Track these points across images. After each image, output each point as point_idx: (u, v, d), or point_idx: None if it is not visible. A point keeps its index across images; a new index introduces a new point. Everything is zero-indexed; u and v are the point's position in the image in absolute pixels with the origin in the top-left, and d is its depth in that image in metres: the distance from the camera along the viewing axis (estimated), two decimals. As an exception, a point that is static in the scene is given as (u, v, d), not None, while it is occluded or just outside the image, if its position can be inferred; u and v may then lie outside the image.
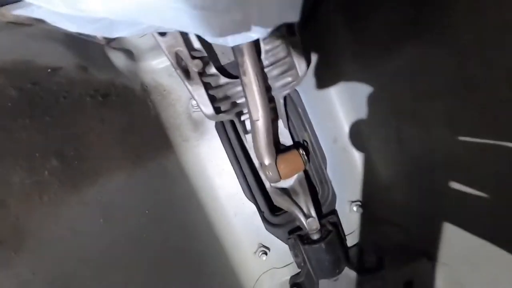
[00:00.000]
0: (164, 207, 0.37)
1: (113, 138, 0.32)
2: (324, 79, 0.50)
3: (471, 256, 0.40)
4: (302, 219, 0.45)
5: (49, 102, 0.26)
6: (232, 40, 0.28)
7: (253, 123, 0.43)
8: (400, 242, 0.49)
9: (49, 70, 0.28)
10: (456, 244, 0.41)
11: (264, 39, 0.42)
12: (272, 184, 0.50)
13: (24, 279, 0.18)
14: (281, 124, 0.51)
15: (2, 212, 0.19)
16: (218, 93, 0.43)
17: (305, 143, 0.51)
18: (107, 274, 0.25)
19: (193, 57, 0.39)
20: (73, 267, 0.22)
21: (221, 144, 0.49)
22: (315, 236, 0.45)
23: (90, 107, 0.31)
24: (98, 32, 0.20)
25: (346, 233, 0.50)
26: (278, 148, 0.48)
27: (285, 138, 0.51)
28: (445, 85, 0.31)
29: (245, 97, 0.41)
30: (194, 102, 0.47)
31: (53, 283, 0.20)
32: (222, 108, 0.43)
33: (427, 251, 0.46)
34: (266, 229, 0.50)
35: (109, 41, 0.41)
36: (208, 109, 0.40)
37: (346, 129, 0.51)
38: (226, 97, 0.44)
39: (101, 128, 0.31)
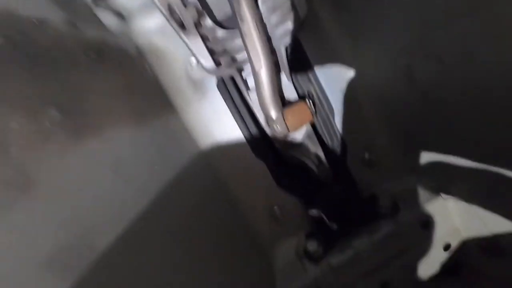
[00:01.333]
0: (173, 165, 0.36)
1: (113, 95, 0.30)
2: (325, 23, 0.47)
3: (485, 189, 0.39)
4: (315, 169, 0.44)
5: (40, 53, 0.24)
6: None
7: (255, 73, 0.41)
8: (413, 186, 0.48)
9: (35, 21, 0.26)
10: (470, 179, 0.40)
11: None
12: (281, 141, 0.49)
13: (36, 221, 0.18)
14: (284, 77, 0.49)
15: (4, 156, 0.18)
16: (217, 47, 0.41)
17: (311, 95, 0.49)
18: (121, 225, 0.24)
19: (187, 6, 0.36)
20: (87, 216, 0.21)
21: (225, 104, 0.47)
22: (329, 184, 0.44)
23: (85, 63, 0.30)
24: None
25: (358, 183, 0.50)
26: (283, 103, 0.47)
27: (290, 92, 0.49)
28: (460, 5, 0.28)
29: (245, 46, 0.39)
30: (192, 60, 0.46)
31: (68, 227, 0.19)
32: (222, 63, 0.42)
33: (442, 189, 0.46)
34: (278, 186, 0.49)
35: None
36: (208, 61, 0.38)
37: (352, 75, 0.49)
38: (225, 51, 0.42)
39: (99, 84, 0.29)
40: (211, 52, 0.39)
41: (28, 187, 0.18)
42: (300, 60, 0.49)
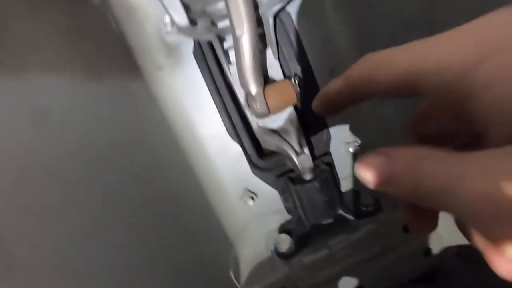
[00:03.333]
0: (133, 138, 0.30)
1: (51, 32, 0.24)
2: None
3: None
4: (294, 157, 0.39)
5: None
6: None
7: (236, 40, 0.35)
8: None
9: None
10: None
11: None
12: (259, 124, 0.44)
13: None
14: (270, 55, 0.44)
15: None
16: (194, 4, 0.35)
17: (297, 77, 0.45)
18: (33, 185, 0.18)
19: None
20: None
21: (201, 76, 0.42)
22: (308, 176, 0.40)
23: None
24: None
25: (340, 177, 0.46)
26: (266, 81, 0.42)
27: (275, 72, 0.45)
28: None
29: (227, 8, 0.34)
30: (167, 20, 0.40)
31: None
32: (199, 25, 0.36)
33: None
34: (253, 173, 0.44)
35: None
36: (181, 17, 0.33)
37: (344, 58, 0.44)
38: (205, 13, 0.37)
39: (29, 15, 0.23)
40: (186, 8, 0.33)
41: None
42: (289, 37, 0.44)
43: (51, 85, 0.22)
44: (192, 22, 0.34)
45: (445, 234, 0.44)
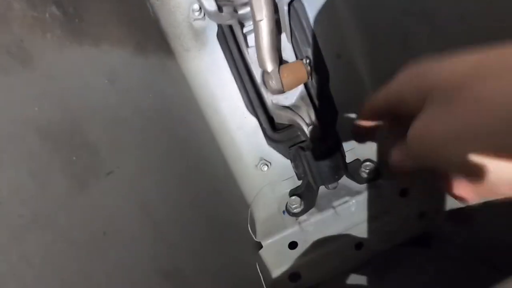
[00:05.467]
0: (168, 100, 0.37)
1: (113, 15, 0.31)
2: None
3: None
4: (304, 127, 0.45)
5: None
6: None
7: (256, 24, 0.41)
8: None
9: None
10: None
11: None
12: (273, 101, 0.50)
13: (34, 91, 0.18)
14: (284, 38, 0.50)
15: (5, 26, 0.18)
16: (220, -7, 0.41)
17: (308, 59, 0.50)
18: (113, 131, 0.25)
19: None
20: (80, 107, 0.22)
21: (223, 56, 0.48)
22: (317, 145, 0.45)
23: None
24: None
25: (345, 150, 0.51)
26: (281, 62, 0.47)
27: (288, 54, 0.50)
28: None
29: (248, -4, 0.40)
30: (195, 8, 0.46)
31: (61, 109, 0.20)
32: (224, 11, 0.42)
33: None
34: (268, 144, 0.50)
35: None
36: (211, 4, 0.38)
37: (350, 43, 0.50)
38: (228, 0, 0.43)
39: (99, 1, 0.29)
40: (215, -4, 0.39)
41: (26, 61, 0.19)
42: (301, 22, 0.49)
43: (116, 54, 0.29)
44: (219, 8, 0.40)
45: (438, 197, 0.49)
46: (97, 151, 0.22)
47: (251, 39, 0.48)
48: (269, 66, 0.44)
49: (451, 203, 0.47)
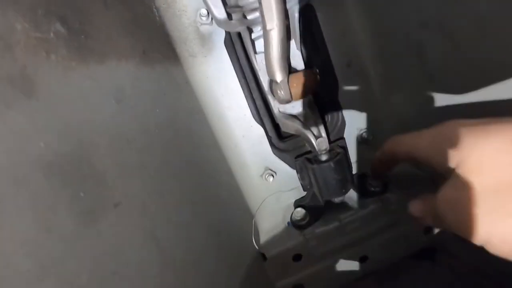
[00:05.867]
0: (173, 112, 0.35)
1: (118, 25, 0.29)
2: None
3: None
4: (312, 139, 0.44)
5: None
6: None
7: (266, 33, 0.40)
8: (405, 170, 0.49)
9: None
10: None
11: None
12: (280, 110, 0.48)
13: (38, 124, 0.17)
14: (293, 46, 0.48)
15: (8, 53, 0.17)
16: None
17: (318, 67, 0.49)
18: (121, 155, 0.24)
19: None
20: (86, 134, 0.21)
21: (230, 63, 0.46)
22: (324, 157, 0.44)
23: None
24: None
25: (352, 161, 0.50)
26: (289, 70, 0.46)
27: (297, 62, 0.49)
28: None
29: (259, 3, 0.38)
30: (203, 13, 0.44)
31: (66, 137, 0.19)
32: (234, 18, 0.40)
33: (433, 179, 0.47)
34: (274, 153, 0.49)
35: None
36: (220, 12, 0.37)
37: (361, 52, 0.48)
38: (238, 6, 0.41)
39: (104, 12, 0.28)
40: (224, 3, 0.38)
41: (30, 90, 0.17)
42: (311, 29, 0.48)
43: (122, 69, 0.27)
44: (229, 16, 0.38)
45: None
46: (105, 181, 0.20)
47: (259, 44, 0.46)
48: (279, 77, 0.42)
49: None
